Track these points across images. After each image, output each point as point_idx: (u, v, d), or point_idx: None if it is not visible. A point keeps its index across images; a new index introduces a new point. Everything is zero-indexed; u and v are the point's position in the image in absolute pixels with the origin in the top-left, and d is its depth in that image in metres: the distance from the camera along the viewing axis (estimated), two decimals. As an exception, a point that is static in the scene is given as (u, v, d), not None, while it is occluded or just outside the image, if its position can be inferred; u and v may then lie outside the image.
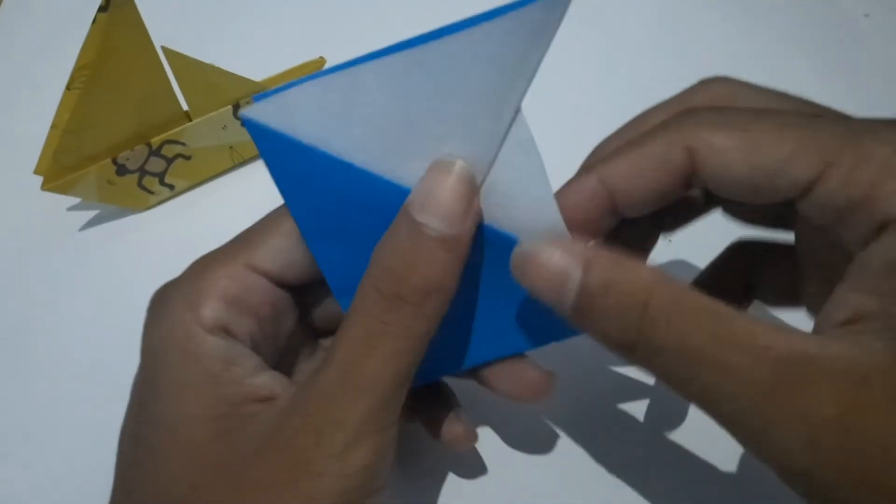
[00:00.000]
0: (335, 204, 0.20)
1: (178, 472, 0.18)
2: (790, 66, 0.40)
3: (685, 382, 0.16)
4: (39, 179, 0.32)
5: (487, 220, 0.19)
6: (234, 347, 0.19)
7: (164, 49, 0.31)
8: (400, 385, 0.18)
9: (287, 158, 0.19)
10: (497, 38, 0.17)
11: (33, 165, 0.32)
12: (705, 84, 0.20)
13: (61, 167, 0.31)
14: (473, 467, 0.27)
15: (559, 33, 0.17)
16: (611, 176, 0.19)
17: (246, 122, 0.19)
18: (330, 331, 0.24)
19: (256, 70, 0.35)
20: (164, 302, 0.20)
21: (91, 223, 0.35)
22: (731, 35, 0.42)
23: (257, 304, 0.20)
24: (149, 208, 0.35)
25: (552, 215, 0.19)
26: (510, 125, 0.18)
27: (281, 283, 0.21)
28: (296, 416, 0.18)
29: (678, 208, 0.21)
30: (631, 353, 0.17)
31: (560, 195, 0.19)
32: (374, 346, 0.18)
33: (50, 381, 0.30)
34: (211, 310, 0.19)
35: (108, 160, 0.32)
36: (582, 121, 0.38)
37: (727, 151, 0.17)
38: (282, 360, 0.22)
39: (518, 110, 0.18)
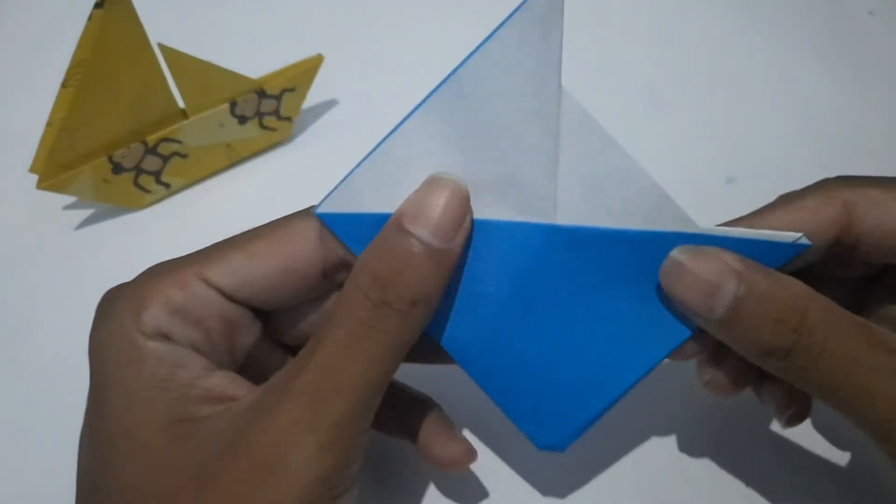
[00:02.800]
0: None
1: (138, 480, 0.18)
2: (795, 64, 0.40)
3: (838, 385, 0.18)
4: (35, 178, 0.31)
5: (590, 222, 0.20)
6: (175, 351, 0.19)
7: (161, 46, 0.30)
8: (378, 391, 0.18)
9: (371, 237, 0.19)
10: (512, 41, 0.18)
11: (29, 164, 0.31)
12: (825, 180, 0.21)
13: (57, 165, 0.31)
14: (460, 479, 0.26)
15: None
16: (763, 227, 0.20)
17: (322, 217, 0.20)
18: (288, 338, 0.23)
19: (254, 68, 0.34)
20: (110, 304, 0.19)
21: (87, 222, 0.35)
22: (735, 33, 0.42)
23: (203, 317, 0.19)
24: (145, 207, 0.35)
25: (656, 191, 0.19)
26: (558, 116, 0.19)
27: (236, 300, 0.20)
28: (266, 416, 0.18)
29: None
30: (783, 358, 0.18)
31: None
32: (357, 350, 0.18)
33: (44, 381, 0.30)
34: (151, 316, 0.19)
35: (104, 158, 0.32)
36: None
37: (887, 204, 0.19)
38: (249, 372, 0.21)
39: (559, 97, 0.18)
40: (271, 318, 0.22)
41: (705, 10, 0.43)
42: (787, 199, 0.21)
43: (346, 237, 0.20)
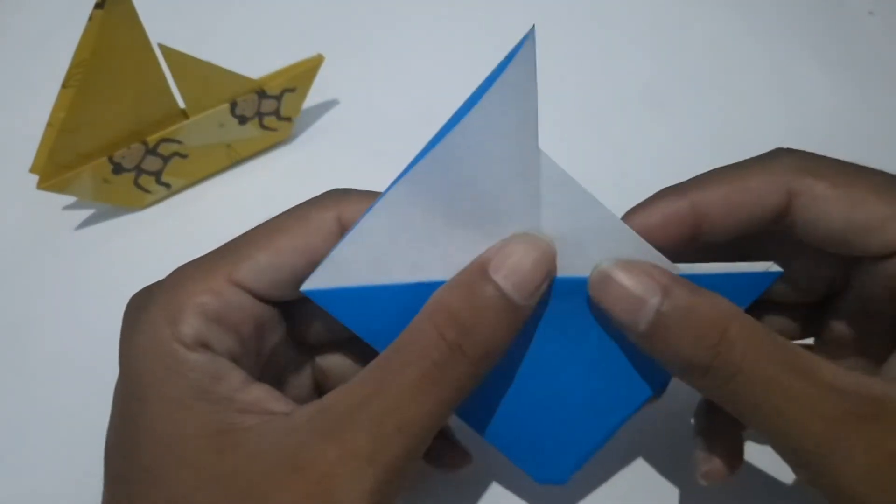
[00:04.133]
0: None
1: (183, 491, 0.17)
2: (795, 64, 0.40)
3: (753, 407, 0.18)
4: (35, 178, 0.31)
5: (573, 274, 0.20)
6: (217, 362, 0.19)
7: (161, 46, 0.30)
8: (434, 432, 0.18)
9: (360, 310, 0.20)
10: (492, 112, 0.18)
11: (29, 164, 0.32)
12: (779, 155, 0.21)
13: (57, 166, 0.31)
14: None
15: (561, 33, 0.17)
16: (704, 202, 0.20)
17: (309, 294, 0.20)
18: (321, 345, 0.23)
19: (254, 68, 0.34)
20: (143, 311, 0.19)
21: (87, 222, 0.35)
22: (735, 33, 0.42)
23: (238, 322, 0.19)
24: (145, 207, 0.35)
25: (635, 242, 0.19)
26: (538, 178, 0.19)
27: (265, 300, 0.20)
28: (326, 442, 0.17)
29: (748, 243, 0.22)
30: (701, 375, 0.18)
31: (643, 212, 0.20)
32: (426, 393, 0.18)
33: (45, 381, 0.30)
34: (189, 326, 0.18)
35: (104, 159, 0.32)
36: (583, 120, 0.38)
37: (828, 201, 0.19)
38: (267, 372, 0.21)
39: (538, 161, 0.19)
40: (296, 315, 0.22)
41: (705, 10, 0.43)
42: (730, 172, 0.20)
43: (337, 312, 0.20)
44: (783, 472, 0.26)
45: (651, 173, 0.35)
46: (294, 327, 0.22)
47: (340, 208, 0.20)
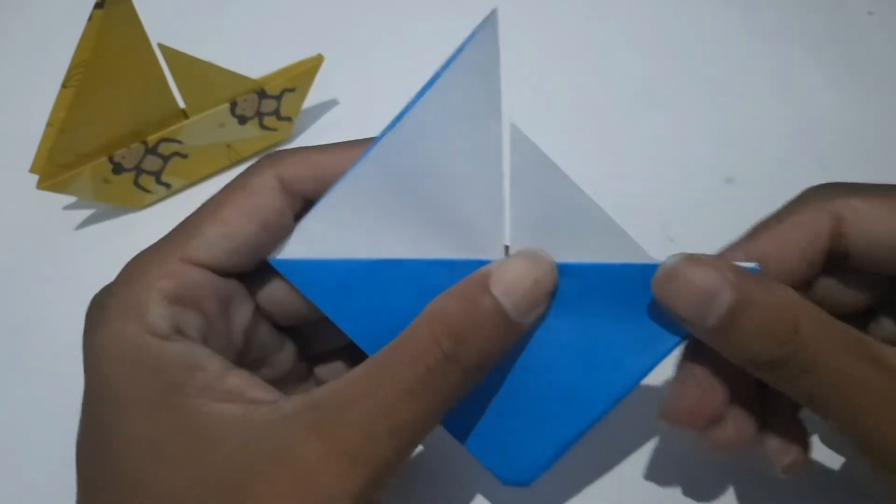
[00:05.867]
0: (384, 307, 0.20)
1: (166, 491, 0.17)
2: (794, 64, 0.40)
3: (826, 401, 0.18)
4: (35, 178, 0.31)
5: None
6: (192, 350, 0.18)
7: (161, 46, 0.30)
8: (423, 437, 0.18)
9: (323, 283, 0.20)
10: (452, 89, 0.18)
11: (29, 164, 0.32)
12: (812, 190, 0.21)
13: (57, 166, 0.31)
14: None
15: (560, 31, 0.17)
16: (757, 251, 0.20)
17: (275, 264, 0.20)
18: (283, 318, 0.22)
19: (254, 68, 0.34)
20: (104, 309, 0.19)
21: (87, 222, 0.35)
22: (735, 33, 0.42)
23: (200, 299, 0.19)
24: (145, 207, 0.35)
25: (607, 225, 0.19)
26: (500, 155, 0.19)
27: (225, 273, 0.20)
28: (315, 437, 0.17)
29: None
30: (774, 369, 0.18)
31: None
32: (418, 398, 0.18)
33: (45, 381, 0.30)
34: (157, 315, 0.18)
35: (104, 158, 0.32)
36: (581, 120, 0.38)
37: (875, 218, 0.19)
38: (247, 357, 0.21)
39: (500, 138, 0.19)
40: (265, 299, 0.21)
41: (705, 10, 0.43)
42: (776, 219, 0.20)
43: (301, 283, 0.20)
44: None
45: (651, 174, 0.36)
46: (270, 315, 0.22)
47: (277, 168, 0.20)
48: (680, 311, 0.19)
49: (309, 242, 0.20)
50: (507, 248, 0.20)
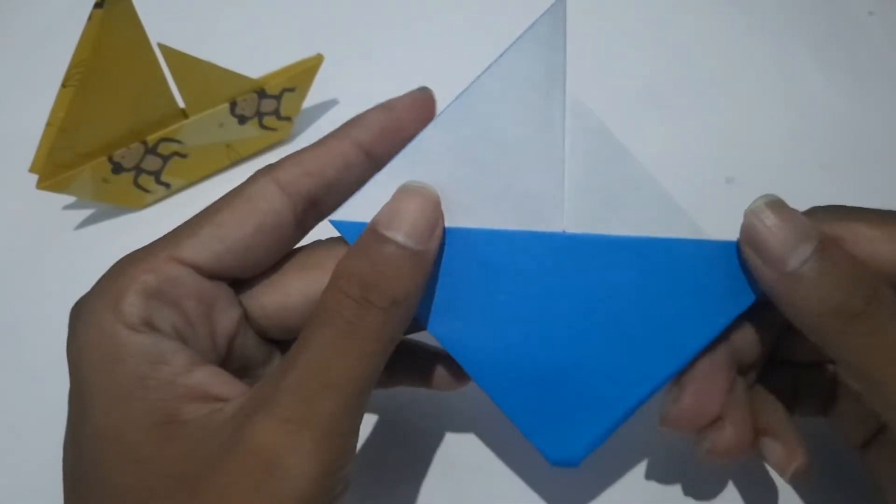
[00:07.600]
0: (443, 275, 0.20)
1: (127, 484, 0.17)
2: (794, 64, 0.40)
3: (884, 367, 0.18)
4: (34, 178, 0.31)
5: (600, 230, 0.20)
6: (160, 343, 0.18)
7: (161, 46, 0.30)
8: (366, 388, 0.18)
9: None
10: (520, 60, 0.20)
11: (28, 164, 0.31)
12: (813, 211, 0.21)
13: (56, 165, 0.31)
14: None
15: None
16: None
17: (335, 224, 0.20)
18: (274, 331, 0.22)
19: (254, 67, 0.34)
20: (84, 304, 0.19)
21: (86, 222, 0.35)
22: (735, 33, 0.42)
23: (180, 296, 0.19)
24: (145, 207, 0.35)
25: (666, 202, 0.20)
26: (563, 127, 0.20)
27: (213, 275, 0.20)
28: (257, 416, 0.17)
29: None
30: (848, 321, 0.18)
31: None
32: (344, 347, 0.18)
33: (44, 380, 0.30)
34: (130, 305, 0.18)
35: (104, 158, 0.32)
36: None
37: (874, 240, 0.19)
38: (232, 364, 0.21)
39: (564, 110, 0.20)
40: (256, 311, 0.21)
41: (705, 10, 0.43)
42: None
43: None
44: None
45: (651, 173, 0.35)
46: (257, 322, 0.22)
47: (273, 174, 0.20)
48: (765, 250, 0.19)
49: (366, 205, 0.20)
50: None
